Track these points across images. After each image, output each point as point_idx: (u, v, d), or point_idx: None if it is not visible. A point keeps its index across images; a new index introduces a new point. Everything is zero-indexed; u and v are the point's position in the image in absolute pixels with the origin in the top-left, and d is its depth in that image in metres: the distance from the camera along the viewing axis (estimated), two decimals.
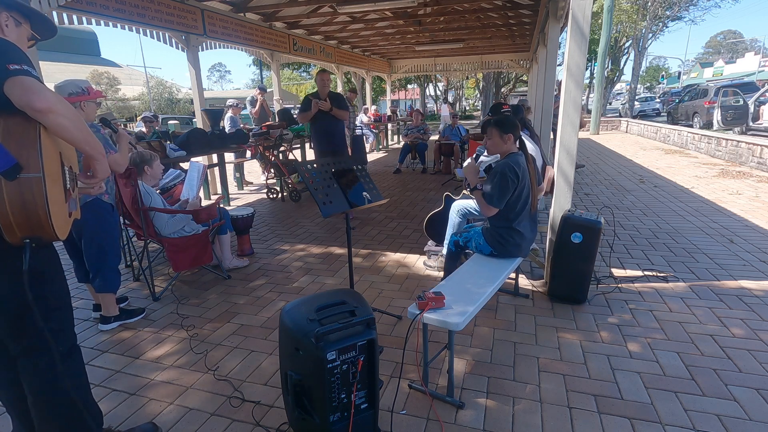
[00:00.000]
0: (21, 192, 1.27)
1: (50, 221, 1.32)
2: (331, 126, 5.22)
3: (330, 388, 1.58)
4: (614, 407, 1.95)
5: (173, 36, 5.97)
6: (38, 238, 1.34)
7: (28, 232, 1.31)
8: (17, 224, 1.29)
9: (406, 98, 42.34)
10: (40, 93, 1.26)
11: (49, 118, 1.28)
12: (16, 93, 1.25)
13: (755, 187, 6.18)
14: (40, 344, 1.46)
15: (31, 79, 1.27)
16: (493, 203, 2.60)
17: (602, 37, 14.30)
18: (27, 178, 1.27)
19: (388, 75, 15.52)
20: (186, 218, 3.33)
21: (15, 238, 1.31)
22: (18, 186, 1.26)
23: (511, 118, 2.76)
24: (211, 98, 24.40)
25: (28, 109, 1.26)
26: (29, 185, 1.28)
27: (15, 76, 1.25)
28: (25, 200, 1.28)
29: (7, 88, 1.25)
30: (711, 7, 42.38)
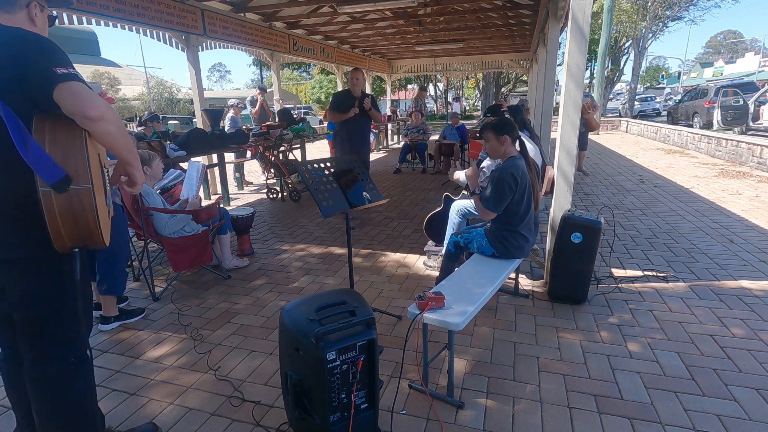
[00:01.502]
0: (70, 202, 1.24)
1: (99, 229, 1.31)
2: (364, 126, 5.14)
3: (330, 388, 1.58)
4: (614, 407, 1.95)
5: (173, 36, 5.97)
6: (87, 245, 1.33)
7: (78, 240, 1.30)
8: (67, 234, 1.27)
9: (406, 98, 42.33)
10: (92, 100, 1.22)
11: (100, 126, 1.24)
12: (68, 100, 1.20)
13: (755, 187, 6.18)
14: (56, 352, 1.45)
15: (80, 85, 1.22)
16: (490, 208, 2.60)
17: (602, 37, 14.31)
18: (76, 189, 1.24)
19: (388, 75, 15.51)
20: (186, 218, 3.33)
21: (64, 246, 1.29)
22: (67, 197, 1.24)
23: (507, 119, 2.76)
24: (211, 98, 24.39)
25: (80, 117, 1.21)
26: (78, 196, 1.25)
27: (65, 81, 1.20)
28: (75, 210, 1.25)
29: (57, 94, 1.19)
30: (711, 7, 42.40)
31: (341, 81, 12.49)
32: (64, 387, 1.47)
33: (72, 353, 1.48)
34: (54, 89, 1.19)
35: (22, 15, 1.33)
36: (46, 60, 1.21)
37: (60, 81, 1.19)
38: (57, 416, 1.48)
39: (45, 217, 1.23)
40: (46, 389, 1.45)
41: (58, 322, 1.43)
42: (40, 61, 1.21)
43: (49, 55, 1.23)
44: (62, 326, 1.44)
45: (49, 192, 1.21)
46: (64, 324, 1.44)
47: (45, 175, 1.19)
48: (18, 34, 1.24)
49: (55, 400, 1.46)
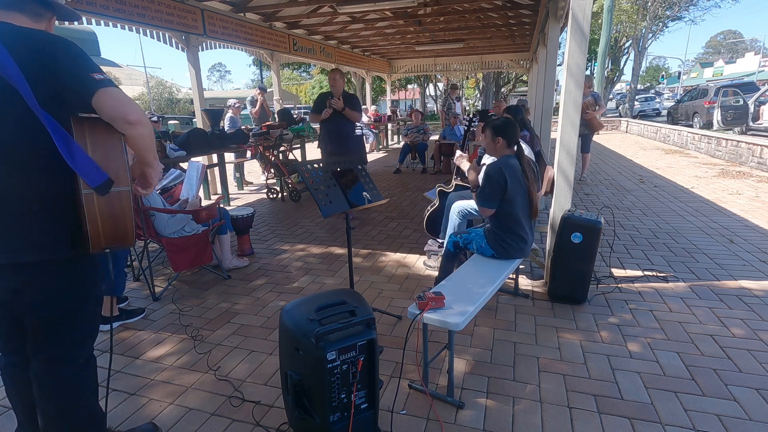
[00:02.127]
0: (111, 204, 1.28)
1: (134, 230, 1.35)
2: (342, 127, 5.08)
3: (330, 388, 1.58)
4: (614, 407, 1.95)
5: (173, 36, 5.97)
6: (119, 245, 1.35)
7: (114, 241, 1.32)
8: (105, 234, 1.29)
9: (406, 98, 42.32)
10: (132, 105, 1.26)
11: (137, 129, 1.27)
12: (109, 105, 1.23)
13: (755, 187, 6.18)
14: (68, 353, 1.46)
15: (117, 90, 1.25)
16: (484, 204, 2.63)
17: (602, 37, 14.29)
18: (117, 192, 1.27)
19: (388, 75, 15.51)
20: (186, 218, 3.33)
21: (99, 247, 1.31)
22: (109, 199, 1.27)
23: (509, 122, 2.77)
24: (211, 98, 24.38)
25: (121, 121, 1.24)
26: (118, 198, 1.29)
27: (104, 87, 1.23)
28: (115, 212, 1.29)
29: (97, 99, 1.22)
30: (711, 7, 42.38)
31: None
32: (74, 387, 1.48)
33: (81, 353, 1.50)
34: (93, 95, 1.22)
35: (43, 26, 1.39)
36: (82, 66, 1.24)
37: (100, 87, 1.22)
38: (64, 417, 1.48)
39: (86, 218, 1.25)
40: (56, 390, 1.45)
41: (73, 323, 1.44)
42: (76, 68, 1.24)
43: (84, 62, 1.26)
44: (76, 327, 1.46)
45: (91, 194, 1.24)
46: (78, 324, 1.46)
47: (90, 178, 1.21)
48: (47, 37, 1.26)
49: (63, 401, 1.47)
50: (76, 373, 1.48)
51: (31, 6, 1.33)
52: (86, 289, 1.45)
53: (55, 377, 1.44)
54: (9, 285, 1.34)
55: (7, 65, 1.17)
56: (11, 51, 1.18)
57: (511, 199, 2.59)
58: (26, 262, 1.31)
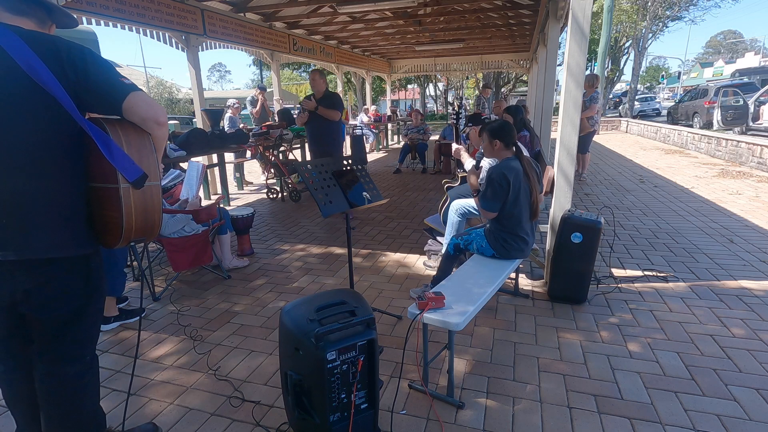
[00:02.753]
0: (144, 199, 1.34)
1: (160, 223, 1.41)
2: (322, 127, 5.07)
3: (330, 388, 1.58)
4: (614, 407, 1.95)
5: (173, 36, 5.97)
6: (142, 239, 1.41)
7: (142, 234, 1.38)
8: (136, 229, 1.35)
9: (406, 98, 42.33)
10: (160, 107, 1.35)
11: (162, 130, 1.36)
12: (142, 107, 1.30)
13: (755, 187, 6.18)
14: (76, 351, 1.47)
15: (146, 93, 1.33)
16: (486, 207, 2.63)
17: (602, 37, 14.30)
18: (149, 186, 1.34)
19: (388, 75, 15.51)
20: (186, 218, 3.33)
21: (127, 240, 1.36)
22: (142, 194, 1.33)
23: (505, 124, 2.77)
24: (211, 98, 24.34)
25: (152, 123, 1.32)
26: (150, 192, 1.35)
27: (135, 90, 1.30)
28: (147, 205, 1.36)
29: (129, 101, 1.28)
30: (711, 7, 42.41)
31: (341, 81, 12.49)
32: (80, 386, 1.49)
33: (87, 351, 1.52)
34: (126, 98, 1.29)
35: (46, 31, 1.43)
36: (109, 72, 1.31)
37: (131, 90, 1.30)
38: (69, 417, 1.49)
39: (122, 212, 1.30)
40: (62, 389, 1.46)
41: (82, 320, 1.46)
42: (104, 73, 1.30)
43: (110, 67, 1.32)
44: (85, 324, 1.48)
45: (128, 189, 1.30)
46: (86, 322, 1.48)
47: (128, 173, 1.27)
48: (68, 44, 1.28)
49: (69, 401, 1.48)
50: (83, 372, 1.49)
51: (38, 12, 1.37)
52: (96, 286, 1.48)
53: (62, 376, 1.45)
54: (20, 287, 1.34)
55: (40, 71, 1.19)
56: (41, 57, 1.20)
57: (512, 200, 2.59)
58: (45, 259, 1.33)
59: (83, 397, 1.50)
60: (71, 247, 1.36)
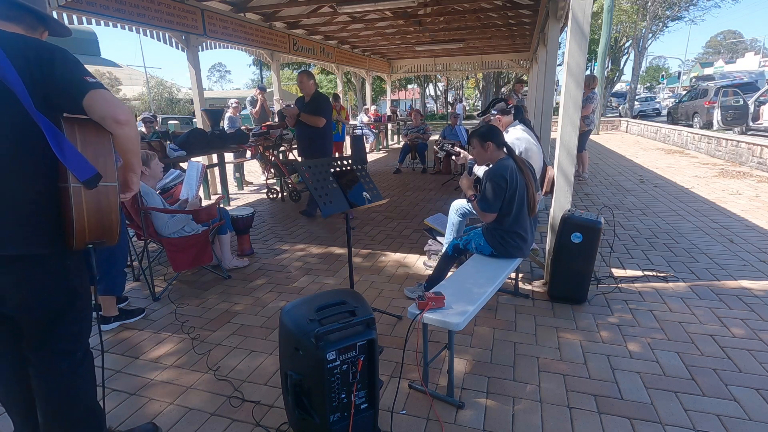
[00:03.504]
0: (98, 200, 1.32)
1: (119, 226, 1.39)
2: (307, 132, 4.99)
3: (330, 388, 1.58)
4: (614, 407, 1.95)
5: (173, 36, 5.97)
6: (102, 242, 1.38)
7: (98, 236, 1.36)
8: (90, 230, 1.33)
9: (406, 98, 42.34)
10: (122, 106, 1.32)
11: (125, 129, 1.33)
12: (100, 104, 1.29)
13: (755, 187, 6.18)
14: (66, 347, 1.48)
15: (108, 92, 1.32)
16: (486, 208, 2.63)
17: (602, 37, 14.31)
18: (104, 186, 1.32)
19: (388, 75, 15.51)
20: (186, 218, 3.33)
21: (82, 243, 1.34)
22: (96, 194, 1.31)
23: (492, 126, 2.78)
24: (211, 98, 24.36)
25: (110, 120, 1.30)
26: (105, 193, 1.33)
27: (96, 88, 1.29)
28: (101, 207, 1.33)
29: (89, 99, 1.28)
30: (711, 7, 42.41)
31: (341, 81, 12.49)
32: (73, 382, 1.49)
33: (79, 347, 1.52)
34: (85, 95, 1.28)
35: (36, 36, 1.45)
36: (74, 70, 1.31)
37: (92, 88, 1.29)
38: (65, 413, 1.49)
39: (73, 212, 1.28)
40: (56, 386, 1.47)
41: (66, 318, 1.46)
42: (69, 71, 1.30)
43: (78, 65, 1.33)
44: (71, 321, 1.47)
45: (79, 188, 1.28)
46: (71, 320, 1.47)
47: (79, 172, 1.26)
48: (42, 44, 1.32)
49: (64, 397, 1.48)
50: (75, 367, 1.49)
51: (28, 19, 1.40)
52: (76, 285, 1.47)
53: (54, 373, 1.46)
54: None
55: (5, 68, 1.21)
56: (9, 56, 1.22)
57: (509, 198, 2.60)
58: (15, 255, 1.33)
59: (78, 393, 1.50)
60: (36, 245, 1.34)
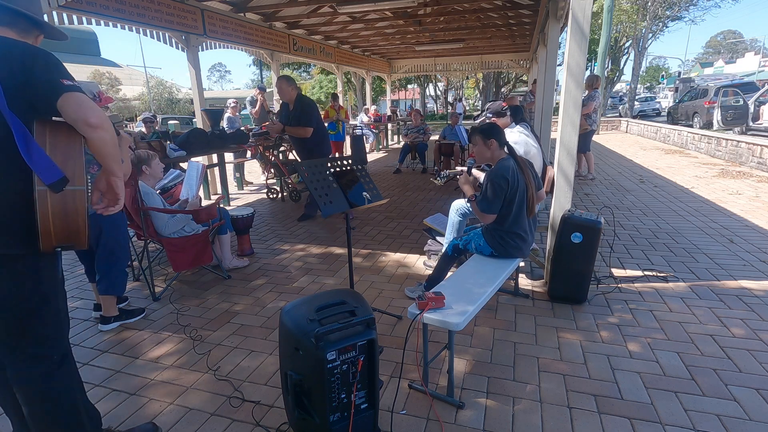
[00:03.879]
0: (64, 203, 1.31)
1: (87, 230, 1.37)
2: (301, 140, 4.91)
3: (330, 388, 1.58)
4: (614, 407, 1.95)
5: (173, 36, 5.97)
6: (71, 245, 1.37)
7: (64, 240, 1.34)
8: (56, 233, 1.32)
9: (406, 98, 42.34)
10: (95, 109, 1.31)
11: (98, 133, 1.32)
12: (72, 107, 1.28)
13: (755, 187, 6.18)
14: (39, 351, 1.46)
15: (83, 95, 1.31)
16: (485, 209, 2.62)
17: (602, 37, 14.29)
18: (71, 190, 1.31)
19: (388, 75, 15.51)
20: (186, 218, 3.33)
21: (49, 246, 1.33)
22: (62, 197, 1.30)
23: (493, 125, 2.77)
24: (211, 98, 24.38)
25: (82, 123, 1.29)
26: (72, 197, 1.32)
27: (70, 91, 1.29)
28: (67, 211, 1.32)
29: (62, 102, 1.28)
30: (711, 7, 42.37)
31: (341, 81, 12.49)
32: (50, 385, 1.48)
33: (55, 351, 1.50)
34: (59, 97, 1.27)
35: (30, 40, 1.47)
36: (53, 72, 1.31)
37: (66, 90, 1.28)
38: (49, 416, 1.49)
39: (37, 215, 1.28)
40: (33, 389, 1.47)
41: (38, 321, 1.45)
42: (48, 73, 1.30)
43: (57, 68, 1.33)
44: (42, 325, 1.46)
45: (45, 191, 1.27)
46: (44, 322, 1.46)
47: (44, 175, 1.25)
48: (27, 48, 1.34)
49: (43, 400, 1.48)
50: (51, 371, 1.48)
51: (21, 23, 1.41)
52: (49, 287, 1.46)
53: (29, 376, 1.46)
54: None
55: None
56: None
57: (510, 199, 2.59)
58: None
59: (58, 396, 1.49)
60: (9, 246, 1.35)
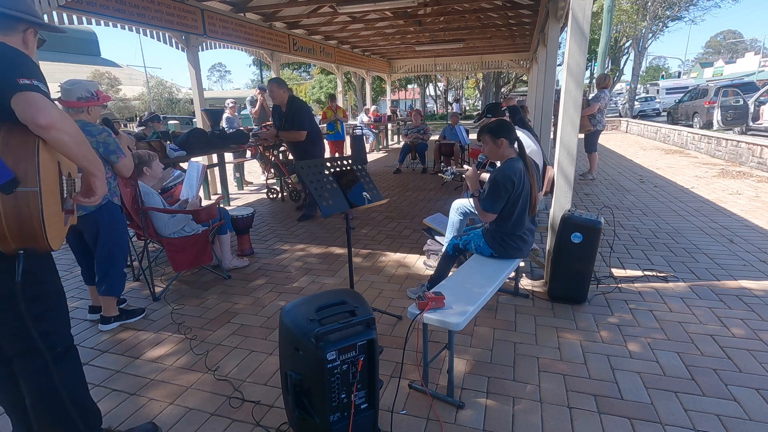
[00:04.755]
0: (17, 205, 1.28)
1: (44, 234, 1.34)
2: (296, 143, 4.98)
3: (330, 388, 1.58)
4: (614, 407, 1.95)
5: (173, 36, 5.97)
6: (32, 249, 1.35)
7: (22, 243, 1.32)
8: (11, 236, 1.30)
9: (406, 98, 42.34)
10: (44, 110, 1.27)
11: (51, 133, 1.29)
12: (21, 108, 1.26)
13: (755, 187, 6.18)
14: (34, 346, 1.46)
15: (36, 95, 1.28)
16: (487, 209, 2.61)
17: (602, 37, 14.28)
18: (23, 192, 1.28)
19: (388, 75, 15.51)
20: (186, 218, 3.33)
21: (9, 248, 1.32)
22: (14, 199, 1.27)
23: (503, 122, 2.76)
24: (211, 98, 24.39)
25: (31, 124, 1.27)
26: (25, 199, 1.28)
27: (23, 91, 1.26)
28: (21, 213, 1.28)
29: (13, 102, 1.26)
30: (711, 7, 42.35)
31: (341, 81, 12.49)
32: (49, 381, 1.49)
33: (52, 346, 1.50)
34: (12, 97, 1.25)
35: (17, 38, 1.43)
36: (12, 70, 1.28)
37: (18, 90, 1.25)
38: (52, 411, 1.50)
39: None
40: (33, 384, 1.48)
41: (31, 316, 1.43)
42: (6, 71, 1.27)
43: (17, 66, 1.29)
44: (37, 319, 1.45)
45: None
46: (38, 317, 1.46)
47: None
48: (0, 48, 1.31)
49: (42, 394, 1.49)
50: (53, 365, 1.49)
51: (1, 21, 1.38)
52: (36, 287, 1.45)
53: (30, 369, 1.47)
54: None
55: None
56: None
57: (513, 201, 2.59)
58: None
59: (58, 389, 1.50)
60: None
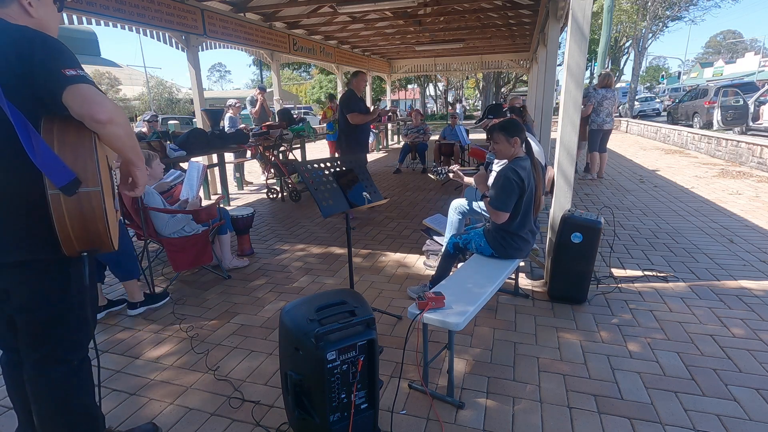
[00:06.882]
0: (80, 206, 1.22)
1: (109, 233, 1.29)
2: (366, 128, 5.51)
3: (330, 388, 1.58)
4: (614, 407, 1.95)
5: (173, 36, 5.97)
6: (95, 250, 1.30)
7: (87, 245, 1.27)
8: (76, 238, 1.25)
9: (406, 98, 42.33)
10: (102, 104, 1.19)
11: (108, 128, 1.21)
12: (77, 103, 1.17)
13: (755, 187, 6.18)
14: (61, 354, 1.44)
15: (90, 87, 1.19)
16: (500, 207, 2.55)
17: (602, 37, 14.27)
18: (86, 193, 1.21)
19: (388, 75, 15.51)
20: (186, 218, 3.33)
21: (73, 251, 1.27)
22: (77, 200, 1.20)
23: (515, 121, 2.76)
24: (211, 98, 24.36)
25: (89, 120, 1.19)
26: (88, 199, 1.22)
27: (74, 84, 1.17)
28: (85, 214, 1.23)
29: (66, 96, 1.16)
30: (711, 7, 42.44)
31: (341, 81, 12.48)
32: (67, 388, 1.46)
33: (75, 355, 1.48)
34: (63, 92, 1.16)
35: (14, 7, 1.28)
36: (53, 61, 1.18)
37: (69, 83, 1.16)
38: (58, 418, 1.48)
39: (53, 220, 1.20)
40: (49, 391, 1.44)
41: (64, 326, 1.42)
42: (48, 62, 1.18)
43: (57, 56, 1.19)
44: (68, 329, 1.43)
45: (58, 195, 1.18)
46: (70, 327, 1.43)
47: (54, 177, 1.16)
48: (23, 32, 1.20)
49: (58, 402, 1.46)
50: (70, 374, 1.47)
51: None
52: (77, 293, 1.42)
53: (48, 378, 1.43)
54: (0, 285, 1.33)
55: None
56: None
57: (519, 201, 2.58)
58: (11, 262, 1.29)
59: (71, 399, 1.48)
60: (32, 251, 1.30)
